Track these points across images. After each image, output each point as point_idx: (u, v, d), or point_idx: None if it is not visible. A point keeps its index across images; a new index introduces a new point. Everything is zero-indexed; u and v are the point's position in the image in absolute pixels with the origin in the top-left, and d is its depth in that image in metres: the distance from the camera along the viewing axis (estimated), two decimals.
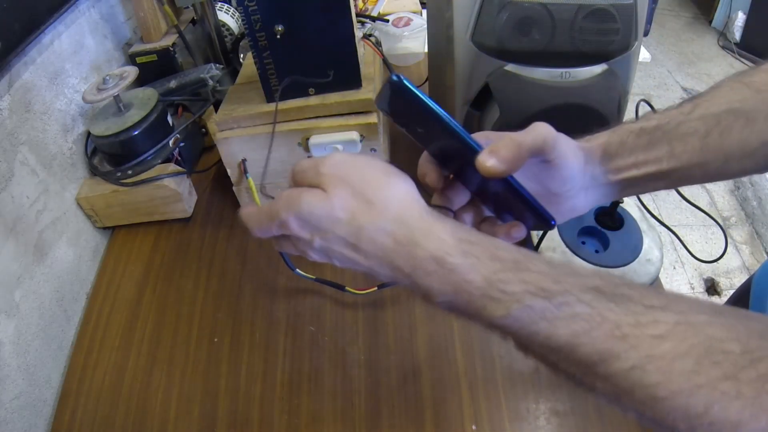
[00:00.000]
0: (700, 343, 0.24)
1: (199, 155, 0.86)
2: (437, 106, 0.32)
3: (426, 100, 0.32)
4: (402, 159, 0.80)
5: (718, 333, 0.25)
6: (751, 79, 0.37)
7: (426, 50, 1.01)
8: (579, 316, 0.26)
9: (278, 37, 0.57)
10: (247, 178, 0.65)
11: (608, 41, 0.57)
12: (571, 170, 0.37)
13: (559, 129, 0.38)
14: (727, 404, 0.23)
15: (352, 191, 0.30)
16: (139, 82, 0.78)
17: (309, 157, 0.64)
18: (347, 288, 0.63)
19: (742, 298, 0.63)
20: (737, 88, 0.37)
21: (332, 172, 0.31)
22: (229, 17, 0.97)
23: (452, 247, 0.28)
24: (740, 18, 2.70)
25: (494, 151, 0.32)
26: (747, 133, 0.36)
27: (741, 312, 0.27)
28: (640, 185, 0.39)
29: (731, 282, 1.72)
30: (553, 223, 0.35)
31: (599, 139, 0.39)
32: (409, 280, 0.29)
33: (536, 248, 0.59)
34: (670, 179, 0.38)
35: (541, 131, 0.35)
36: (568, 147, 0.37)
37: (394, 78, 0.31)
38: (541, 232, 0.59)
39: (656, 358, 0.25)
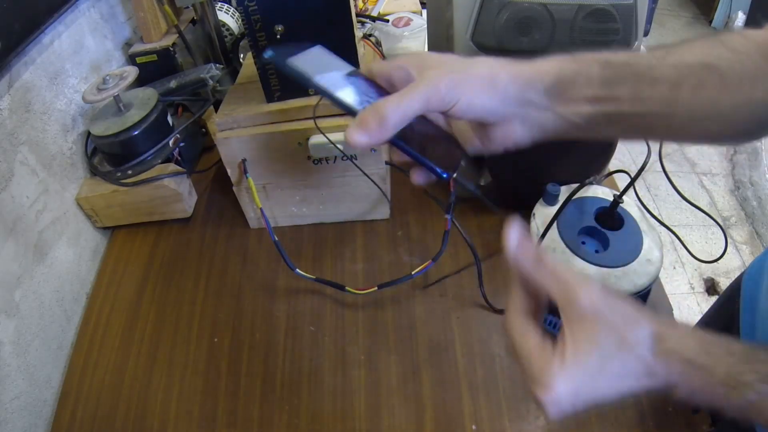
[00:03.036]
0: None
1: (199, 155, 0.86)
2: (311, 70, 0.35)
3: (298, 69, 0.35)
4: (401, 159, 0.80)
5: None
6: (728, 38, 0.35)
7: (426, 50, 1.01)
8: None
9: (278, 37, 0.57)
10: (247, 178, 0.65)
11: (608, 41, 0.56)
12: (485, 111, 0.35)
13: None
14: None
15: (612, 325, 0.31)
16: (139, 82, 0.78)
17: (309, 157, 0.64)
18: (347, 288, 0.63)
19: (732, 296, 0.63)
20: (713, 45, 0.35)
21: (591, 311, 0.31)
22: (229, 17, 0.97)
23: (697, 351, 0.31)
24: (740, 18, 2.70)
25: (362, 124, 0.32)
26: (719, 91, 0.35)
27: None
28: (592, 126, 0.36)
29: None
30: (445, 176, 0.34)
31: (550, 63, 0.35)
32: (659, 383, 0.32)
33: None
34: (628, 125, 0.36)
35: (430, 87, 0.33)
36: (478, 92, 0.34)
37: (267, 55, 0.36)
38: (540, 232, 0.59)
39: None
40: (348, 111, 0.34)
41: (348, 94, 0.35)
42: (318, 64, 0.37)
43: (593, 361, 0.31)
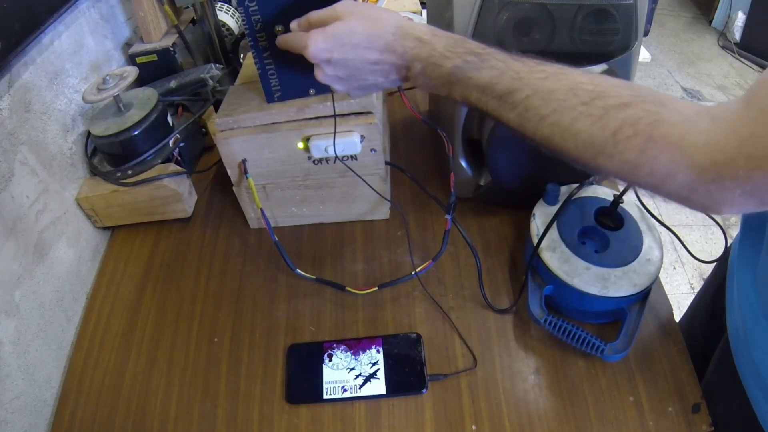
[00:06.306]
0: (568, 82, 0.37)
1: (199, 155, 0.86)
2: None
3: None
4: (402, 159, 0.80)
5: (582, 79, 0.38)
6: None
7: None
8: (495, 67, 0.40)
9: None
10: (247, 178, 0.65)
11: (608, 41, 0.57)
12: None
13: None
14: (584, 119, 0.36)
15: (363, 16, 0.44)
16: (139, 82, 0.78)
17: (309, 157, 0.64)
18: (347, 288, 0.63)
19: (721, 289, 0.63)
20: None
21: (345, 8, 0.45)
22: (229, 17, 0.97)
23: (426, 33, 0.44)
24: (740, 18, 2.70)
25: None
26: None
27: (607, 76, 0.38)
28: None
29: None
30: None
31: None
32: (401, 59, 0.44)
33: (536, 248, 0.59)
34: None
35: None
36: None
37: None
38: (540, 232, 0.59)
39: (540, 90, 0.38)
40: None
41: None
42: None
43: (347, 29, 0.44)
